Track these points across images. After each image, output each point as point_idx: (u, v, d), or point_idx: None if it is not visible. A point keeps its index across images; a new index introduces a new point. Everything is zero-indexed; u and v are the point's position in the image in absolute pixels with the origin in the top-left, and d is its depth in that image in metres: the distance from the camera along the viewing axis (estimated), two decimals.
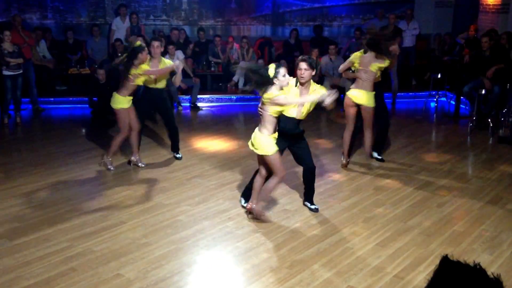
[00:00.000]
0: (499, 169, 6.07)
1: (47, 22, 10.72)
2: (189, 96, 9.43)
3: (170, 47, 9.07)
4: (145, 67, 5.58)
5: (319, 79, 9.53)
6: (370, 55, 5.62)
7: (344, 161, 6.01)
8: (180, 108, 9.25)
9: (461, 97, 8.69)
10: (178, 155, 6.33)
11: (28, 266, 3.72)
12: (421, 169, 6.04)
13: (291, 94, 4.45)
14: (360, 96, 5.68)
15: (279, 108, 4.21)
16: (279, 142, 4.36)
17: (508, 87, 7.59)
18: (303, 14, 12.00)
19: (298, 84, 4.56)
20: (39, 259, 3.82)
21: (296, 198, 5.09)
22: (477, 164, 6.44)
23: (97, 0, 11.07)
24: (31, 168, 5.92)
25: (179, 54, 9.26)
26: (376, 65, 5.60)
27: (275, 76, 4.13)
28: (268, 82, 4.13)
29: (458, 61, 9.21)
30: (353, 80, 6.08)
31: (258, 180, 4.57)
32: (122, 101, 5.63)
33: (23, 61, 7.92)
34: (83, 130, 8.05)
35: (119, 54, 9.42)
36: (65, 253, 3.91)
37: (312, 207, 4.84)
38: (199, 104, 9.49)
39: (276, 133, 4.33)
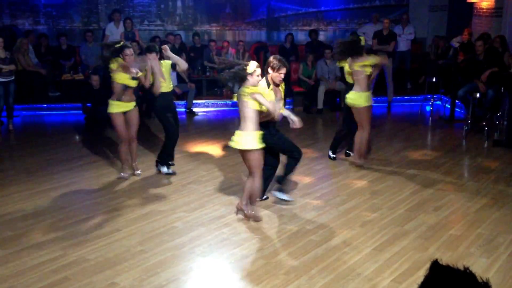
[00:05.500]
0: (494, 172, 6.07)
1: (39, 27, 10.67)
2: (185, 101, 9.40)
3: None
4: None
5: (315, 83, 9.55)
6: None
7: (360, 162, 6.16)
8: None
9: (456, 101, 8.71)
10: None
11: (21, 275, 3.66)
12: (417, 173, 6.03)
13: (267, 97, 4.47)
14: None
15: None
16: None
17: (502, 90, 7.61)
18: (298, 19, 12.02)
19: (270, 85, 4.68)
20: (32, 268, 3.77)
21: (293, 203, 5.06)
22: (473, 167, 6.44)
23: (91, 5, 11.03)
24: (24, 176, 5.86)
25: None
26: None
27: (251, 73, 4.30)
28: (242, 76, 4.31)
29: (453, 64, 9.23)
30: (349, 84, 6.18)
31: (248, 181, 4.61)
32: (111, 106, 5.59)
33: (15, 68, 7.87)
34: (77, 137, 7.99)
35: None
36: (59, 262, 3.86)
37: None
38: (195, 110, 9.46)
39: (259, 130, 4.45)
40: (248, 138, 4.36)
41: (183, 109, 9.41)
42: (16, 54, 8.65)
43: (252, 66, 4.35)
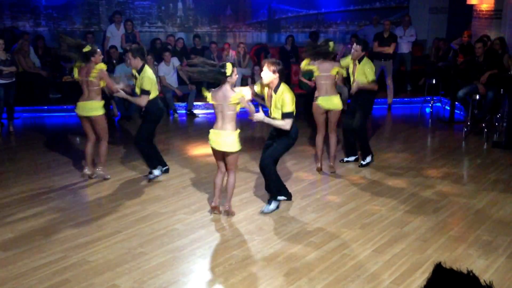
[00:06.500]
0: (494, 174, 6.08)
1: (40, 29, 10.69)
2: (185, 103, 9.42)
3: (166, 53, 9.07)
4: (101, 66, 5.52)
5: (315, 85, 9.54)
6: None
7: (318, 165, 6.10)
8: (176, 115, 9.24)
9: (456, 103, 8.72)
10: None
11: (21, 277, 3.68)
12: (417, 174, 6.04)
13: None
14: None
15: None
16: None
17: (501, 92, 7.63)
18: (299, 21, 12.04)
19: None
20: (33, 270, 3.78)
21: (293, 205, 5.08)
22: (472, 169, 6.46)
23: (92, 7, 11.05)
24: (24, 177, 5.88)
25: (175, 61, 9.26)
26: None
27: (230, 75, 4.51)
28: (220, 77, 4.54)
29: (452, 66, 9.26)
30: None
31: (219, 177, 4.79)
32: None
33: (15, 70, 7.88)
34: (77, 139, 8.00)
35: (114, 61, 9.43)
36: (59, 264, 3.87)
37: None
38: (195, 111, 9.48)
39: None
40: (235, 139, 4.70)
41: (183, 111, 9.44)
42: (16, 55, 8.68)
43: (229, 68, 4.51)
